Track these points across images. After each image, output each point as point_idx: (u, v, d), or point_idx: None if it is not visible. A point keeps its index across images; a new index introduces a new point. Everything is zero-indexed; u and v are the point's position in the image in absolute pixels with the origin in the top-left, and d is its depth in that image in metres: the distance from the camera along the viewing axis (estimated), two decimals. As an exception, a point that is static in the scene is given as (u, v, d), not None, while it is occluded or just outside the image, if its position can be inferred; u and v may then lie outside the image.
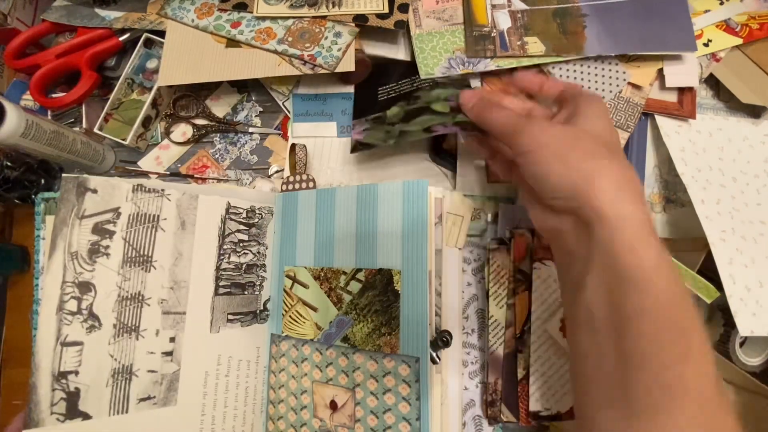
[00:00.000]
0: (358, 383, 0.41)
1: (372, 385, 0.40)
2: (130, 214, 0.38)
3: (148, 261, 0.38)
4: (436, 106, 0.43)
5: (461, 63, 0.48)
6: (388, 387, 0.40)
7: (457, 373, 0.45)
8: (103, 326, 0.36)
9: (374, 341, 0.41)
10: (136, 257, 0.38)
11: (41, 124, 0.41)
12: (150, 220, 0.39)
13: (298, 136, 0.50)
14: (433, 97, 0.45)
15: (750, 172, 0.48)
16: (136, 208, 0.38)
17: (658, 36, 0.46)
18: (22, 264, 0.47)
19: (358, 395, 0.41)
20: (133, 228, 0.38)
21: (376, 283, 0.41)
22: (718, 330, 0.48)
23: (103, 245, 0.36)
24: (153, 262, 0.39)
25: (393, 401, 0.40)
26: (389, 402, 0.40)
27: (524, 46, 0.47)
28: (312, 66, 0.46)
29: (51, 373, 0.34)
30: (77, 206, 0.36)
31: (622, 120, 0.48)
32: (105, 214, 0.37)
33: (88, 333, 0.35)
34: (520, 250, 0.43)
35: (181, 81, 0.46)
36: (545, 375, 0.42)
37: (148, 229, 0.39)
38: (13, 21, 0.49)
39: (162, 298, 0.39)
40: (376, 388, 0.40)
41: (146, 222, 0.38)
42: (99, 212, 0.36)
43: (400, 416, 0.39)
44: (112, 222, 0.37)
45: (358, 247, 0.42)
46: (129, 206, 0.38)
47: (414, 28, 0.49)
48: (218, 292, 0.42)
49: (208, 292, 0.42)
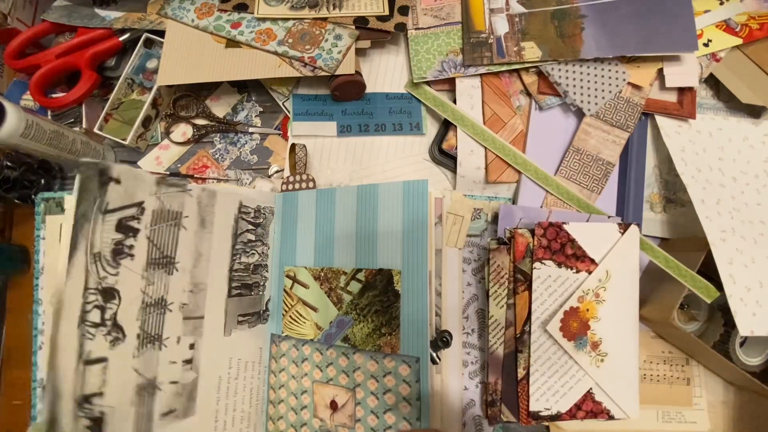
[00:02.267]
0: (359, 383, 0.41)
1: (372, 385, 0.40)
2: (154, 210, 0.35)
3: (171, 263, 0.36)
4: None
5: (453, 66, 0.48)
6: (388, 387, 0.40)
7: (457, 373, 0.45)
8: (127, 338, 0.33)
9: (374, 341, 0.41)
10: (160, 258, 0.35)
11: (41, 124, 0.41)
12: (173, 218, 0.36)
13: (298, 136, 0.50)
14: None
15: (750, 172, 0.48)
16: (160, 204, 0.35)
17: (659, 36, 0.46)
18: (22, 264, 0.47)
19: (359, 395, 0.41)
20: (157, 226, 0.35)
21: (376, 283, 0.41)
22: (718, 330, 0.48)
23: (128, 245, 0.33)
24: (175, 263, 0.36)
25: (393, 401, 0.40)
26: (389, 402, 0.40)
27: (521, 52, 0.47)
28: (312, 68, 0.46)
29: (73, 399, 0.30)
30: (100, 198, 0.31)
31: (622, 120, 0.48)
32: (129, 209, 0.33)
33: (112, 347, 0.32)
34: (520, 250, 0.43)
35: (180, 81, 0.46)
36: (545, 375, 0.42)
37: (171, 228, 0.36)
38: (13, 21, 0.49)
39: (183, 303, 0.37)
40: (377, 388, 0.40)
41: (169, 219, 0.35)
42: (123, 206, 0.33)
43: (401, 416, 0.39)
44: (136, 218, 0.33)
45: (358, 247, 0.42)
46: (153, 201, 0.34)
47: (411, 26, 0.49)
48: (231, 293, 0.41)
49: (223, 294, 0.40)
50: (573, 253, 0.42)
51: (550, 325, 0.41)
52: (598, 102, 0.48)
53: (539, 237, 0.42)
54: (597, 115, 0.48)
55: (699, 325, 0.49)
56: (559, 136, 0.49)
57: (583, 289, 0.42)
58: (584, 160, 0.48)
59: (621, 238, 0.42)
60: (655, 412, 0.48)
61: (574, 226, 0.42)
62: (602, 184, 0.48)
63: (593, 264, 0.42)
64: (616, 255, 0.42)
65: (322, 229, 0.44)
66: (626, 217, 0.48)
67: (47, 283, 0.43)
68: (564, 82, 0.47)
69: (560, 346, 0.42)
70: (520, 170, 0.47)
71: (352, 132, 0.50)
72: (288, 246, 0.45)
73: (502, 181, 0.48)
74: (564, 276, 0.42)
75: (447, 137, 0.49)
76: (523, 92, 0.50)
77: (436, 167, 0.50)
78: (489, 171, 0.48)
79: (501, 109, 0.49)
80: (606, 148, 0.48)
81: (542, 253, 0.42)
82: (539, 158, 0.48)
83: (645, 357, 0.49)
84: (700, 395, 0.49)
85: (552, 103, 0.49)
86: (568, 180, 0.48)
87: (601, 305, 0.42)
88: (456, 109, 0.48)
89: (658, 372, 0.49)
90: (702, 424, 0.48)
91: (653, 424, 0.48)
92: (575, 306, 0.42)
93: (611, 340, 0.42)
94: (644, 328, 0.49)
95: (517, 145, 0.48)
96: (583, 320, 0.42)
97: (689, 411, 0.48)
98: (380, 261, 0.41)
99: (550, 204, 0.48)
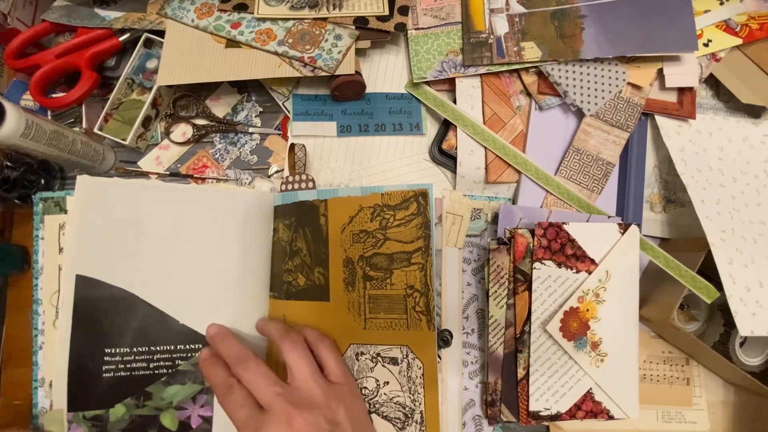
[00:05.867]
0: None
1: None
2: None
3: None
4: (164, 419, 0.38)
5: (453, 66, 0.48)
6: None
7: (457, 373, 0.45)
8: None
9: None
10: None
11: (41, 124, 0.41)
12: None
13: (297, 136, 0.50)
14: (166, 397, 0.38)
15: (750, 172, 0.48)
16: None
17: (659, 36, 0.46)
18: (22, 264, 0.47)
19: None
20: None
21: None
22: (718, 330, 0.48)
23: None
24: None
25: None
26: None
27: (521, 52, 0.47)
28: (312, 68, 0.46)
29: None
30: None
31: (622, 120, 0.48)
32: None
33: None
34: (520, 250, 0.43)
35: (180, 81, 0.46)
36: (545, 375, 0.42)
37: None
38: (13, 21, 0.49)
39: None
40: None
41: None
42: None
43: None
44: None
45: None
46: None
47: (411, 26, 0.49)
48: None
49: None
50: (573, 253, 0.42)
51: (550, 325, 0.41)
52: (598, 102, 0.48)
53: (539, 237, 0.42)
54: (597, 115, 0.48)
55: (699, 325, 0.49)
56: (559, 136, 0.49)
57: (583, 290, 0.42)
58: (584, 160, 0.48)
59: (621, 238, 0.42)
60: (655, 412, 0.48)
61: (574, 226, 0.42)
62: (602, 184, 0.48)
63: (593, 264, 0.42)
64: (616, 255, 0.42)
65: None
66: (626, 217, 0.48)
67: (47, 283, 0.43)
68: (564, 82, 0.47)
69: (560, 346, 0.42)
70: (520, 170, 0.47)
71: (352, 132, 0.50)
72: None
73: (502, 181, 0.48)
74: (564, 276, 0.42)
75: (447, 137, 0.49)
76: (523, 92, 0.50)
77: (436, 167, 0.50)
78: (489, 171, 0.48)
79: (501, 109, 0.49)
80: (606, 148, 0.48)
81: (542, 253, 0.42)
82: (539, 158, 0.48)
83: (645, 357, 0.49)
84: (700, 395, 0.49)
85: (552, 103, 0.49)
86: (568, 180, 0.48)
87: (601, 305, 0.42)
88: (456, 109, 0.48)
89: (658, 372, 0.49)
90: (702, 424, 0.48)
91: (653, 424, 0.48)
92: (575, 306, 0.42)
93: (611, 340, 0.42)
94: (644, 328, 0.49)
95: (517, 145, 0.48)
96: (583, 320, 0.42)
97: (689, 411, 0.48)
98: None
99: (550, 204, 0.48)
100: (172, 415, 0.38)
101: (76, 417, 0.37)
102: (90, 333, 0.37)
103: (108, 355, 0.38)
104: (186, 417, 0.39)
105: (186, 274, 0.40)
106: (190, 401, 0.39)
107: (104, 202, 0.39)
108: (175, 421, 0.38)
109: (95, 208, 0.39)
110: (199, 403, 0.39)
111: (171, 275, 0.40)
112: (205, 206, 0.41)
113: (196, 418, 0.39)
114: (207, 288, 0.40)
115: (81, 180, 0.39)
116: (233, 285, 0.41)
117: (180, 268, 0.40)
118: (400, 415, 0.38)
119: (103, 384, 0.37)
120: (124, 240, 0.39)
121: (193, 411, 0.39)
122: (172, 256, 0.40)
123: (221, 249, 0.41)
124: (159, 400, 0.38)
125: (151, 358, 0.38)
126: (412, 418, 0.38)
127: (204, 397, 0.39)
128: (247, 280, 0.41)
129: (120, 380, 0.38)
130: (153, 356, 0.38)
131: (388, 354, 0.38)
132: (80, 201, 0.38)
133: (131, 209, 0.39)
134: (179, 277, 0.40)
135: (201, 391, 0.39)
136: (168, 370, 0.39)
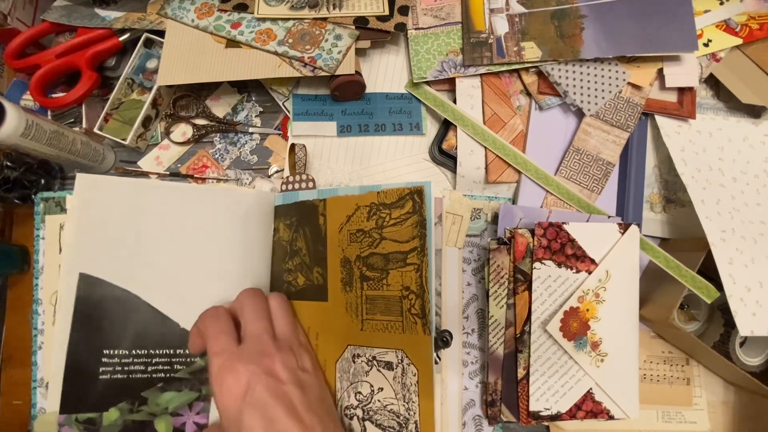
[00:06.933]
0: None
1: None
2: None
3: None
4: (159, 425, 0.37)
5: (453, 66, 0.48)
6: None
7: (457, 373, 0.45)
8: None
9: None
10: None
11: (41, 124, 0.41)
12: None
13: (297, 136, 0.50)
14: (162, 403, 0.38)
15: (750, 172, 0.48)
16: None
17: (659, 36, 0.46)
18: (22, 264, 0.47)
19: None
20: None
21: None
22: (718, 330, 0.48)
23: None
24: None
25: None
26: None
27: (521, 52, 0.47)
28: (312, 68, 0.46)
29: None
30: None
31: (622, 120, 0.48)
32: None
33: None
34: (520, 250, 0.43)
35: (180, 81, 0.46)
36: (545, 375, 0.42)
37: None
38: (13, 21, 0.49)
39: None
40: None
41: None
42: None
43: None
44: None
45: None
46: None
47: (411, 26, 0.49)
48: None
49: None
50: (573, 253, 0.42)
51: (550, 325, 0.41)
52: (598, 102, 0.48)
53: (539, 237, 0.42)
54: (597, 115, 0.48)
55: (699, 325, 0.49)
56: (559, 136, 0.49)
57: (583, 289, 0.42)
58: (584, 160, 0.48)
59: (621, 238, 0.42)
60: (655, 412, 0.48)
61: (574, 226, 0.42)
62: (602, 184, 0.48)
63: (593, 264, 0.42)
64: (616, 255, 0.42)
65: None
66: (626, 217, 0.48)
67: (47, 283, 0.43)
68: (564, 82, 0.47)
69: (560, 346, 0.42)
70: (520, 170, 0.47)
71: (352, 132, 0.50)
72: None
73: (502, 181, 0.48)
74: (564, 276, 0.42)
75: (447, 137, 0.49)
76: (523, 92, 0.50)
77: (436, 167, 0.50)
78: (489, 171, 0.48)
79: (501, 109, 0.49)
80: (606, 148, 0.48)
81: (542, 253, 0.42)
82: (539, 158, 0.48)
83: (645, 357, 0.49)
84: (700, 395, 0.49)
85: (552, 103, 0.49)
86: (568, 180, 0.48)
87: (601, 305, 0.42)
88: (456, 109, 0.48)
89: (658, 372, 0.49)
90: (702, 424, 0.48)
91: (653, 424, 0.48)
92: (575, 306, 0.42)
93: (611, 340, 0.42)
94: (644, 328, 0.49)
95: (517, 145, 0.48)
96: (583, 320, 0.42)
97: (689, 411, 0.48)
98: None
99: (550, 204, 0.48)
100: (167, 421, 0.38)
101: (68, 420, 0.36)
102: (89, 333, 0.37)
103: (106, 357, 0.37)
104: (181, 424, 0.38)
105: (186, 275, 0.40)
106: (185, 408, 0.38)
107: (104, 200, 0.39)
108: (169, 428, 0.38)
109: (95, 206, 0.38)
110: (195, 410, 0.38)
111: (171, 276, 0.39)
112: (206, 206, 0.41)
113: (191, 425, 0.38)
114: (207, 288, 0.40)
115: (80, 178, 0.38)
116: (234, 285, 0.41)
117: (180, 268, 0.40)
118: (394, 424, 0.37)
119: (99, 386, 0.37)
120: (123, 239, 0.39)
121: (189, 418, 0.38)
122: (172, 256, 0.39)
123: (221, 249, 0.41)
124: (154, 405, 0.37)
125: (149, 361, 0.38)
126: (406, 428, 0.37)
127: (200, 405, 0.38)
128: (248, 280, 0.41)
129: (116, 383, 0.37)
130: (152, 359, 0.38)
131: (384, 358, 0.38)
132: (79, 199, 0.38)
133: (131, 208, 0.39)
134: (179, 277, 0.39)
135: (197, 398, 0.38)
136: (166, 374, 0.38)
